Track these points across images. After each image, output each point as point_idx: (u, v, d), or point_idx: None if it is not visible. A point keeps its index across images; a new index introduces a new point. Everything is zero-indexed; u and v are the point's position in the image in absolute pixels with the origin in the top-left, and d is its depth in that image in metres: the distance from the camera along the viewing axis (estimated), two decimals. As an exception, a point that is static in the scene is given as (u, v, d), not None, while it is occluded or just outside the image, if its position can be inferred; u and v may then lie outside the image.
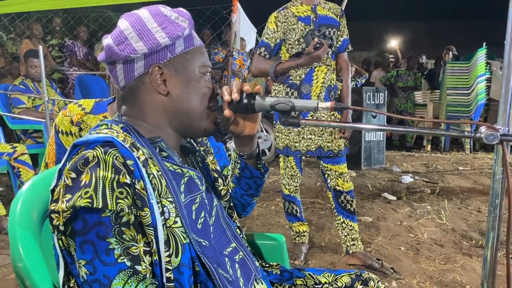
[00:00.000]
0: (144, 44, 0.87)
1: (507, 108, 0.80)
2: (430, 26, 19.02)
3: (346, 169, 2.60)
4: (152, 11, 0.91)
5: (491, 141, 0.77)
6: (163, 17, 0.90)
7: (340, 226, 2.62)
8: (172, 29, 0.89)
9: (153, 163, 0.85)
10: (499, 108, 0.82)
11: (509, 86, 0.79)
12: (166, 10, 0.92)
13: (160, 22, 0.89)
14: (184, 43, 0.92)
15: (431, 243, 2.97)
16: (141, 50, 0.87)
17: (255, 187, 1.15)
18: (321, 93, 2.52)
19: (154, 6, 0.93)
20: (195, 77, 0.94)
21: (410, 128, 0.83)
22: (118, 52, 0.87)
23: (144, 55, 0.89)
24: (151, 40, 0.88)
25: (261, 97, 0.94)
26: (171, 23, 0.90)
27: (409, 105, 7.45)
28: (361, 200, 3.99)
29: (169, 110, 0.93)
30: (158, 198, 0.82)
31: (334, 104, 0.90)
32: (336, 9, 2.57)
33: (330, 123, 0.90)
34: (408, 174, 5.01)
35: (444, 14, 19.14)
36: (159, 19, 0.90)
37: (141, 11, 0.92)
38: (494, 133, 0.78)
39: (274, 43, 2.52)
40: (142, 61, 0.89)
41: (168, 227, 0.83)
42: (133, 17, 0.90)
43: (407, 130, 0.85)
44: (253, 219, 3.47)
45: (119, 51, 0.87)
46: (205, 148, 1.12)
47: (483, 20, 16.71)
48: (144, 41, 0.88)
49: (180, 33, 0.89)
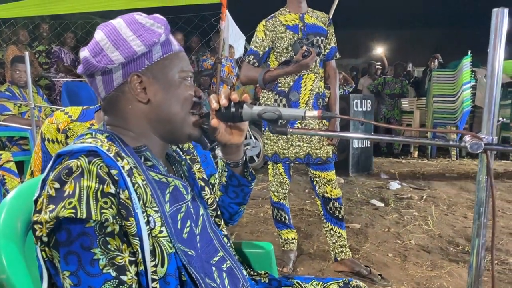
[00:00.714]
0: (120, 54, 0.87)
1: (491, 117, 0.81)
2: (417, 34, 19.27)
3: (334, 176, 2.61)
4: (127, 19, 0.90)
5: (475, 150, 0.78)
6: (138, 25, 0.89)
7: (329, 233, 2.62)
8: (148, 36, 0.88)
9: (138, 173, 0.84)
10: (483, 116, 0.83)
11: (492, 95, 0.80)
12: (141, 17, 0.91)
13: (135, 30, 0.88)
14: (162, 49, 0.91)
15: (419, 250, 2.99)
16: (118, 60, 0.87)
17: (242, 195, 1.14)
18: (310, 100, 2.53)
19: (129, 15, 0.92)
20: (175, 82, 0.93)
21: (396, 137, 0.84)
22: (95, 63, 0.87)
23: (122, 65, 0.88)
24: (127, 49, 0.87)
25: (249, 106, 0.94)
26: (146, 30, 0.89)
27: (396, 112, 7.52)
28: (349, 207, 4.01)
29: (151, 117, 0.92)
30: (143, 207, 0.82)
31: (321, 113, 0.90)
32: (323, 18, 2.59)
33: (317, 132, 0.90)
34: (396, 181, 5.05)
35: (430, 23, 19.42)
36: (134, 27, 0.89)
37: (116, 21, 0.91)
38: (478, 142, 0.79)
39: (263, 51, 2.53)
40: (120, 71, 0.88)
41: (153, 236, 0.82)
42: (108, 27, 0.90)
43: (393, 139, 0.86)
44: (242, 226, 3.45)
45: (96, 62, 0.87)
46: (191, 156, 1.12)
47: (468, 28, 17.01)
48: (120, 50, 0.87)
49: (156, 40, 0.88)
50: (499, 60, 0.81)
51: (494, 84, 0.80)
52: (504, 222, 3.59)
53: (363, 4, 17.45)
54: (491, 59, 0.80)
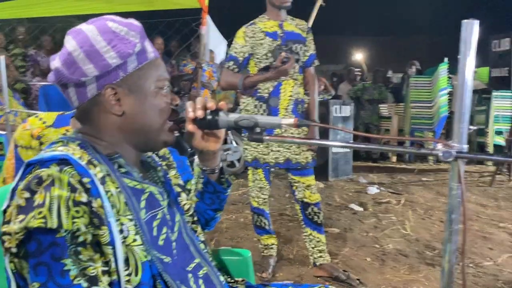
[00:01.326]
0: (94, 67, 0.84)
1: (462, 126, 0.82)
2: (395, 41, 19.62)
3: (313, 181, 2.63)
4: (99, 27, 0.87)
5: (446, 158, 0.80)
6: (112, 34, 0.86)
7: (308, 238, 2.64)
8: (122, 47, 0.85)
9: (111, 180, 0.83)
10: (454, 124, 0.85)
11: (463, 104, 0.82)
12: (114, 25, 0.87)
13: (109, 40, 0.85)
14: (137, 59, 0.88)
15: (396, 254, 3.03)
16: (91, 73, 0.84)
17: (218, 202, 1.14)
18: (289, 106, 2.54)
19: (102, 21, 0.88)
20: (151, 93, 0.91)
21: (370, 145, 0.85)
22: (68, 76, 0.84)
23: (96, 77, 0.85)
24: (100, 62, 0.84)
25: (225, 113, 0.94)
26: (120, 40, 0.85)
27: (374, 117, 7.62)
28: (328, 211, 4.03)
29: (125, 129, 0.90)
30: (117, 215, 0.81)
31: (297, 121, 0.91)
32: (302, 25, 2.62)
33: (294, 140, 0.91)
34: (374, 185, 5.11)
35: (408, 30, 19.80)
36: (108, 36, 0.85)
37: (88, 28, 0.87)
38: (450, 150, 0.80)
39: (243, 57, 2.54)
40: (94, 83, 0.86)
41: (127, 245, 0.81)
42: (80, 35, 0.86)
43: (368, 147, 0.87)
44: (221, 232, 3.44)
45: (69, 75, 0.84)
46: (167, 162, 1.11)
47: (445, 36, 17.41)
48: (94, 63, 0.84)
49: (131, 51, 0.86)
50: (469, 69, 0.83)
51: (465, 93, 0.82)
52: (478, 226, 3.66)
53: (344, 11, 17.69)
54: (462, 69, 0.82)
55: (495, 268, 2.81)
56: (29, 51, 6.06)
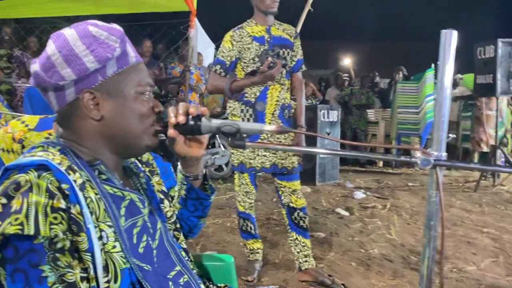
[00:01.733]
0: (72, 71, 0.84)
1: (440, 134, 0.84)
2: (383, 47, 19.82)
3: (299, 186, 2.64)
4: (80, 31, 0.86)
5: (425, 166, 0.81)
6: (92, 39, 0.85)
7: (293, 243, 2.64)
8: (102, 52, 0.85)
9: (91, 186, 0.82)
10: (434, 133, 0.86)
11: (441, 112, 0.83)
12: (95, 29, 0.87)
13: (88, 44, 0.85)
14: (117, 63, 0.88)
15: (381, 258, 3.05)
16: (69, 77, 0.84)
17: (201, 209, 1.14)
18: (275, 111, 2.55)
19: (83, 25, 0.88)
20: (131, 98, 0.90)
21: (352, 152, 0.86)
22: (46, 79, 0.84)
23: (74, 82, 0.85)
24: (79, 66, 0.84)
25: (207, 119, 0.94)
26: (100, 44, 0.85)
27: (362, 122, 7.69)
28: (315, 216, 4.05)
29: (104, 134, 0.90)
30: (96, 222, 0.80)
31: (279, 128, 0.91)
32: (290, 31, 2.63)
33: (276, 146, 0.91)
34: (361, 190, 5.14)
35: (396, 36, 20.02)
36: (87, 41, 0.85)
37: (69, 32, 0.86)
38: (428, 158, 0.81)
39: (230, 61, 2.54)
40: (72, 87, 0.85)
41: (106, 252, 0.80)
42: (60, 39, 0.86)
43: (350, 154, 0.88)
44: (207, 236, 3.43)
45: (47, 78, 0.84)
46: (151, 168, 1.10)
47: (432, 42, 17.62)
48: (72, 67, 0.84)
49: (110, 55, 0.85)
50: (448, 78, 0.84)
51: (443, 101, 0.83)
52: (463, 231, 3.70)
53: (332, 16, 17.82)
54: (440, 77, 0.83)
55: (478, 273, 2.84)
56: (14, 52, 5.99)
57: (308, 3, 5.47)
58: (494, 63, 5.23)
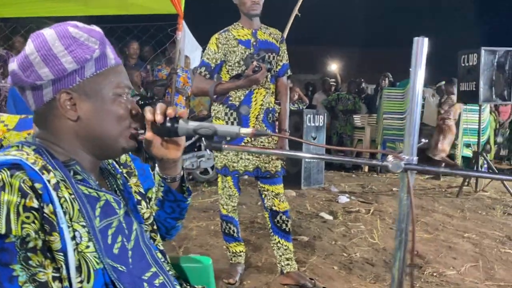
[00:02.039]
0: (50, 71, 0.84)
1: (411, 139, 0.86)
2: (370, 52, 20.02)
3: (282, 190, 2.66)
4: (59, 32, 0.87)
5: (396, 169, 0.83)
6: (71, 40, 0.86)
7: (276, 246, 2.65)
8: (80, 53, 0.86)
9: (65, 186, 0.83)
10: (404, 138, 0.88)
11: (413, 118, 0.85)
12: (75, 30, 0.87)
13: (67, 45, 0.85)
14: (95, 65, 0.89)
15: (363, 262, 3.07)
16: (47, 77, 0.85)
17: (178, 211, 1.14)
18: (260, 115, 2.57)
19: (63, 26, 0.88)
20: (109, 99, 0.91)
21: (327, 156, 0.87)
22: (24, 78, 0.84)
23: (51, 81, 0.86)
24: (57, 66, 0.84)
25: (185, 121, 0.95)
26: (79, 45, 0.86)
27: (348, 127, 7.75)
28: (299, 219, 4.07)
29: (81, 135, 0.90)
30: (69, 222, 0.80)
31: (255, 131, 0.92)
32: (276, 35, 2.65)
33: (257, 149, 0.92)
34: (345, 194, 5.18)
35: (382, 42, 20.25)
36: (66, 41, 0.86)
37: (48, 32, 0.87)
38: (399, 162, 0.83)
39: (215, 63, 2.55)
40: (50, 87, 0.86)
41: (79, 252, 0.81)
42: (39, 39, 0.86)
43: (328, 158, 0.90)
44: (191, 239, 3.42)
45: (25, 77, 0.84)
46: (128, 170, 1.10)
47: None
48: (50, 67, 0.84)
49: (89, 56, 0.86)
50: (420, 84, 0.87)
51: (415, 107, 0.85)
52: (444, 236, 3.76)
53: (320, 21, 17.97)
54: (412, 84, 0.85)
55: (457, 277, 2.88)
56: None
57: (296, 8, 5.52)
58: (477, 71, 5.32)
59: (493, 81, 5.36)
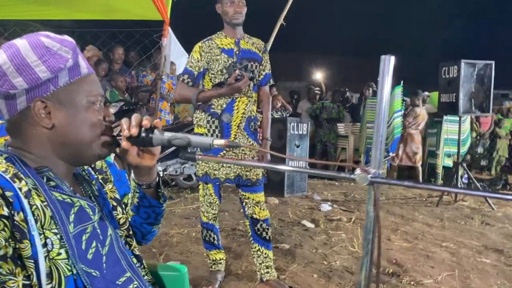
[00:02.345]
0: (24, 80, 0.86)
1: (378, 153, 0.89)
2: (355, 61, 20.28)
3: (263, 198, 2.68)
4: (32, 42, 0.88)
5: (362, 182, 0.86)
6: (44, 49, 0.88)
7: (256, 254, 2.67)
8: (54, 62, 0.87)
9: (37, 194, 0.83)
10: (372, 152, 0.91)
11: (379, 133, 0.88)
12: (48, 40, 0.89)
13: (40, 55, 0.87)
14: (69, 74, 0.91)
15: (343, 271, 3.10)
16: (21, 86, 0.86)
17: (154, 216, 1.16)
18: (241, 123, 2.59)
19: (36, 36, 0.90)
20: (82, 107, 0.93)
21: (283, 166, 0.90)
22: None
23: (25, 90, 0.87)
24: (30, 75, 0.86)
25: (160, 132, 0.97)
26: (52, 55, 0.88)
27: (332, 136, 7.83)
28: (280, 227, 4.09)
29: (55, 142, 0.92)
30: (41, 229, 0.81)
31: (228, 142, 0.94)
32: (259, 45, 2.68)
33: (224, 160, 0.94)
34: (327, 202, 5.22)
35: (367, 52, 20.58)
36: (40, 51, 0.87)
37: (21, 42, 0.88)
38: (366, 175, 0.86)
39: (198, 71, 2.57)
40: (23, 96, 0.88)
41: (51, 259, 0.82)
42: (12, 49, 0.87)
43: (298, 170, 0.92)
44: (171, 246, 3.42)
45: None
46: (104, 176, 1.12)
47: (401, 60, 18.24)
48: (24, 76, 0.86)
49: (63, 65, 0.88)
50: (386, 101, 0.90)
51: (381, 122, 0.88)
52: (423, 245, 3.81)
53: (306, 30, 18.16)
54: (379, 100, 0.89)
55: (434, 286, 2.93)
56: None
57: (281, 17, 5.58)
58: (457, 83, 5.44)
59: (472, 93, 5.49)
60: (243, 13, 2.53)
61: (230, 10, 2.50)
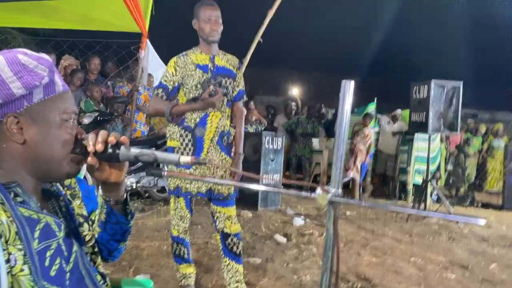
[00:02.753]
0: None
1: (337, 173, 0.93)
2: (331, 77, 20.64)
3: (235, 212, 2.69)
4: (9, 59, 0.90)
5: (323, 201, 0.90)
6: (20, 66, 0.89)
7: (226, 268, 2.67)
8: (29, 79, 0.89)
9: (4, 209, 0.84)
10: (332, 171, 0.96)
11: (338, 153, 0.92)
12: (24, 57, 0.91)
13: (16, 71, 0.89)
14: (44, 91, 0.93)
15: (312, 285, 3.13)
16: None
17: (121, 233, 1.16)
18: (214, 137, 2.61)
19: (13, 53, 0.91)
20: (55, 124, 0.94)
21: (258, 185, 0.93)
22: None
23: None
24: (5, 91, 0.87)
25: (126, 148, 0.98)
26: (28, 72, 0.90)
27: (306, 150, 7.93)
28: (253, 241, 4.10)
29: (26, 157, 0.93)
30: (5, 245, 0.82)
31: (194, 159, 0.97)
32: (233, 61, 2.72)
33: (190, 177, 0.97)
34: (300, 217, 5.26)
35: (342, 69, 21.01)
36: (15, 68, 0.89)
37: None
38: (326, 195, 0.90)
39: (172, 85, 2.59)
40: None
41: (13, 275, 0.82)
42: None
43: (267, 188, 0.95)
44: (142, 259, 3.38)
45: None
46: (72, 192, 1.12)
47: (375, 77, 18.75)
48: None
49: (38, 83, 0.90)
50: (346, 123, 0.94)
51: (341, 143, 0.93)
52: (392, 260, 3.89)
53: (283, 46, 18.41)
54: (339, 123, 0.93)
55: (401, 301, 3.00)
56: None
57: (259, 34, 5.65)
58: (427, 102, 5.62)
59: (441, 113, 5.67)
60: (219, 31, 2.57)
61: (207, 27, 2.53)
